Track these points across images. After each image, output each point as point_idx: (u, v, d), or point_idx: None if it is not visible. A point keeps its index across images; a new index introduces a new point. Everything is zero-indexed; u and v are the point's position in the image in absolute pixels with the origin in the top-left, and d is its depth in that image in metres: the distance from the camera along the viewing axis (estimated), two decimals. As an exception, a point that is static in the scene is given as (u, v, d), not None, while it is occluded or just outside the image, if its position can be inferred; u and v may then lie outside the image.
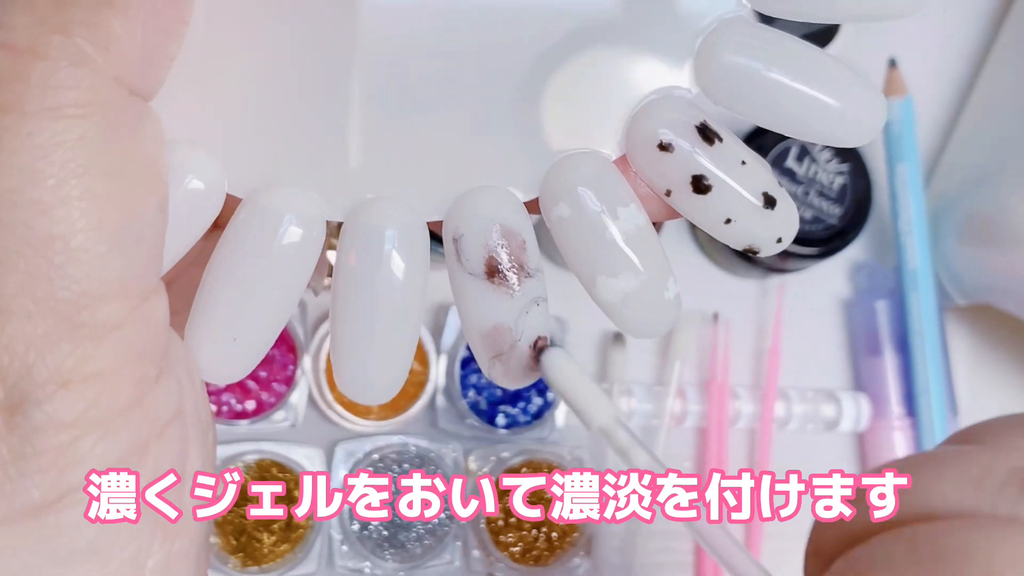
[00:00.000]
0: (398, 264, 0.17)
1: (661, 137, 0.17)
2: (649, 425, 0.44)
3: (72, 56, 0.14)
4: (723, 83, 0.17)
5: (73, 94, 0.14)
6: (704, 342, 0.45)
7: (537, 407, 0.42)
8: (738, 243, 0.18)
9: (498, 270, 0.17)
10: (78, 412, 0.15)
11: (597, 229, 0.17)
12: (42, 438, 0.14)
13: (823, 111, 0.17)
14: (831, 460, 0.47)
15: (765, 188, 0.17)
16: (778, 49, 0.17)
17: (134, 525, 0.15)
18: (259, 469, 0.39)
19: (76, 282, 0.14)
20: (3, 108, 0.14)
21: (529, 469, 0.41)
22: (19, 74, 0.14)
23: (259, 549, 0.38)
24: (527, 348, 0.18)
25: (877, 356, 0.46)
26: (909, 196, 0.45)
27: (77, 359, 0.15)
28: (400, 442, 0.40)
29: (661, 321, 0.18)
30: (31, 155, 0.14)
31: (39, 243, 0.14)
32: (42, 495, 0.15)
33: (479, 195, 0.18)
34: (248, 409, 0.39)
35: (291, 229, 0.17)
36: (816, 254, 0.44)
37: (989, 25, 0.50)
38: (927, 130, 0.49)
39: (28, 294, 0.14)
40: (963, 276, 0.45)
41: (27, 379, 0.14)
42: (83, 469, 0.15)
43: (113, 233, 0.15)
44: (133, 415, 0.15)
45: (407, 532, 0.40)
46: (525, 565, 0.41)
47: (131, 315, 0.15)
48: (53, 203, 0.14)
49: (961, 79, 0.50)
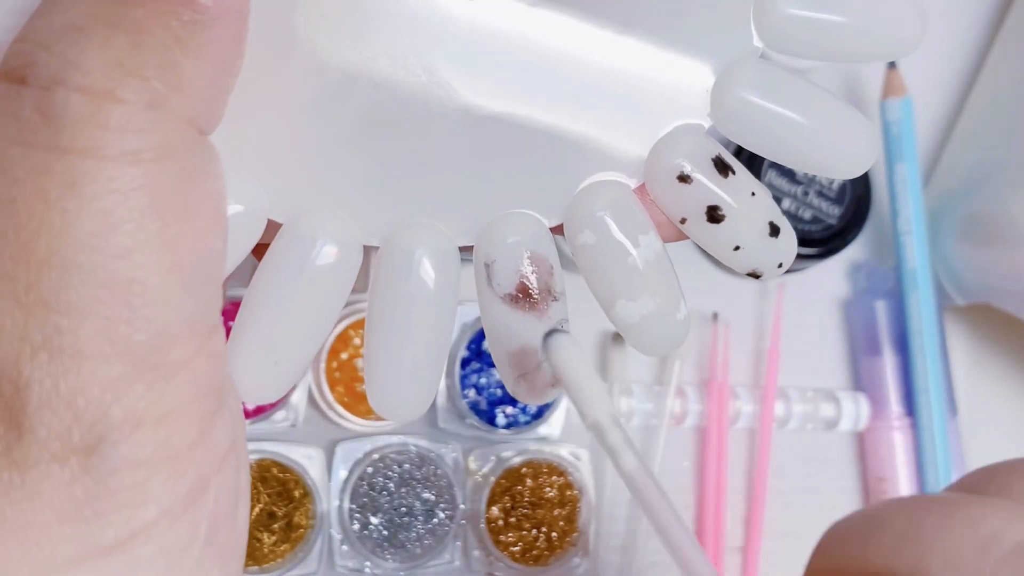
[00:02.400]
0: (431, 287, 0.18)
1: (681, 169, 0.18)
2: (649, 425, 0.44)
3: (149, 99, 0.14)
4: (736, 118, 0.18)
5: (150, 138, 0.14)
6: (704, 342, 0.45)
7: (538, 407, 0.42)
8: (743, 268, 0.19)
9: (529, 294, 0.18)
10: (151, 452, 0.15)
11: (620, 255, 0.18)
12: (117, 478, 0.15)
13: (826, 147, 0.18)
14: (830, 460, 0.47)
15: (771, 218, 0.19)
16: (788, 88, 0.18)
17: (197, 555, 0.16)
18: (259, 469, 0.39)
19: (152, 324, 0.15)
20: (83, 153, 0.14)
21: (529, 469, 0.41)
22: (98, 118, 0.14)
23: (259, 549, 0.38)
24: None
25: (876, 356, 0.46)
26: (908, 196, 0.45)
27: (151, 400, 0.15)
28: (400, 442, 0.40)
29: (673, 340, 0.19)
30: (111, 200, 0.14)
31: (118, 287, 0.14)
32: (116, 535, 0.15)
33: (509, 221, 0.18)
34: (248, 409, 0.39)
35: (328, 252, 0.18)
36: (815, 254, 0.44)
37: (989, 25, 0.50)
38: (927, 130, 0.49)
39: (105, 337, 0.14)
40: (962, 276, 0.45)
41: (103, 421, 0.14)
42: (155, 507, 0.15)
43: (186, 275, 0.15)
44: (198, 451, 0.16)
45: (407, 532, 0.40)
46: (525, 565, 0.41)
47: (198, 353, 0.15)
48: (132, 247, 0.14)
49: (961, 79, 0.50)
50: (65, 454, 0.14)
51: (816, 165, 0.19)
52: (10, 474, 0.14)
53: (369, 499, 0.40)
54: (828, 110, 0.18)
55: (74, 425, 0.14)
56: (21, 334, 0.14)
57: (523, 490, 0.41)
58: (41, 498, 0.14)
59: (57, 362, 0.14)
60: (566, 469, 0.42)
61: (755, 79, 0.18)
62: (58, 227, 0.14)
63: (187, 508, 0.15)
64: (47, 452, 0.14)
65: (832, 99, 0.18)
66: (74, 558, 0.15)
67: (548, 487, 0.41)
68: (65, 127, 0.14)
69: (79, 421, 0.14)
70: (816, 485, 0.46)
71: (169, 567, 0.15)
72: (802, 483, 0.46)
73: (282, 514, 0.39)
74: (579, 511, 0.42)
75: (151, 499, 0.15)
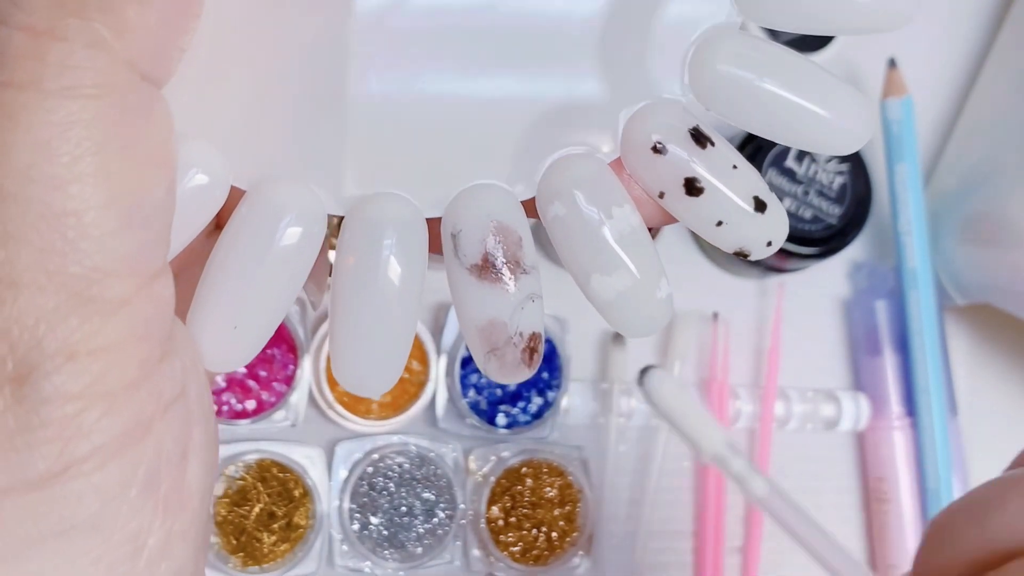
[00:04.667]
0: (396, 258, 0.18)
1: (655, 141, 0.18)
2: (649, 425, 0.44)
3: (88, 39, 0.14)
4: (716, 91, 0.18)
5: (89, 75, 0.15)
6: (704, 342, 0.45)
7: (537, 407, 0.42)
8: (729, 246, 0.18)
9: (493, 265, 0.18)
10: (84, 385, 0.15)
11: (591, 228, 0.18)
12: (49, 409, 0.15)
13: (813, 120, 0.18)
14: (830, 460, 0.47)
15: (756, 192, 0.18)
16: (769, 59, 0.18)
17: (132, 499, 0.15)
18: (259, 469, 0.39)
19: (88, 257, 0.15)
20: (21, 86, 0.14)
21: (529, 469, 0.41)
22: (38, 54, 0.14)
23: (259, 549, 0.38)
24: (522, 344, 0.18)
25: (877, 356, 0.46)
26: (909, 196, 0.45)
27: (86, 333, 0.15)
28: (400, 442, 0.40)
29: (653, 320, 0.18)
30: (48, 132, 0.14)
31: (53, 218, 0.14)
32: (47, 466, 0.15)
33: (478, 192, 0.18)
34: (248, 409, 0.39)
35: (292, 222, 0.18)
36: (816, 254, 0.44)
37: (989, 25, 0.50)
38: (927, 130, 0.49)
39: (40, 268, 0.14)
40: (962, 276, 0.45)
41: (36, 351, 0.14)
42: (88, 442, 0.15)
43: (124, 211, 0.15)
44: (138, 391, 0.16)
45: (407, 532, 0.40)
46: (525, 565, 0.41)
47: (139, 293, 0.15)
48: (68, 179, 0.14)
49: (961, 79, 0.50)
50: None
51: (807, 141, 0.18)
52: None
53: (369, 499, 0.40)
54: (817, 82, 0.18)
55: (8, 355, 0.14)
56: None
57: (523, 490, 0.41)
58: None
59: None
60: (566, 469, 0.42)
61: (735, 50, 0.18)
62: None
63: (122, 448, 0.15)
64: None
65: (820, 71, 0.18)
66: (4, 488, 0.15)
67: (548, 487, 0.41)
68: (5, 62, 0.14)
69: (13, 351, 0.14)
70: (816, 485, 0.46)
71: (102, 507, 0.15)
72: (802, 483, 0.46)
73: (282, 514, 0.39)
74: (579, 511, 0.42)
75: (83, 433, 0.15)
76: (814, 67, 0.18)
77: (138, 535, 0.16)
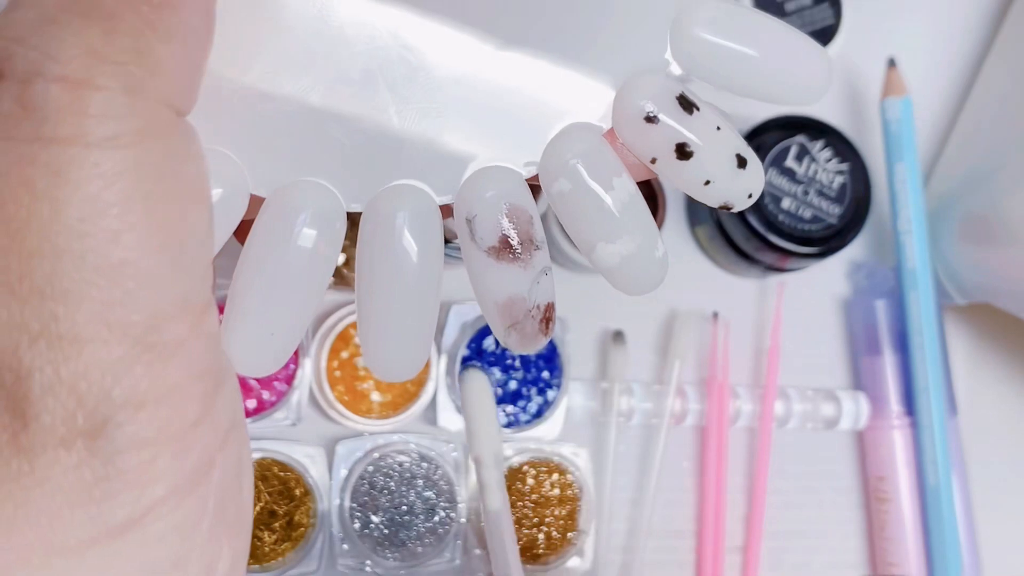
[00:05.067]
0: (412, 245, 0.18)
1: (646, 110, 0.18)
2: (649, 424, 0.44)
3: (125, 84, 0.14)
4: (695, 56, 0.19)
5: (130, 122, 0.15)
6: (704, 341, 0.46)
7: (537, 406, 0.42)
8: (715, 201, 0.19)
9: (511, 245, 0.18)
10: (155, 431, 0.15)
11: (596, 200, 0.18)
12: (124, 458, 0.15)
13: (778, 78, 0.19)
14: (830, 459, 0.47)
15: (738, 150, 0.19)
16: (743, 22, 0.19)
17: (207, 531, 0.16)
18: (260, 468, 0.39)
19: (147, 304, 0.15)
20: (66, 141, 0.14)
21: (530, 468, 0.41)
22: (79, 107, 0.14)
23: (260, 547, 0.38)
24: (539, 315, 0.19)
25: (876, 355, 0.46)
26: (908, 195, 0.45)
27: (152, 380, 0.15)
28: (401, 440, 0.41)
29: (654, 278, 0.19)
30: (96, 185, 0.14)
31: (110, 270, 0.15)
32: (127, 514, 0.15)
33: (486, 175, 0.19)
34: (249, 408, 0.39)
35: (310, 221, 0.18)
36: (815, 253, 0.44)
37: (988, 25, 0.50)
38: (926, 130, 0.49)
39: (102, 320, 0.15)
40: (962, 275, 0.45)
41: (106, 403, 0.15)
42: (163, 485, 0.15)
43: (175, 254, 0.15)
44: (200, 429, 0.16)
45: (408, 531, 0.40)
46: (525, 564, 0.41)
47: (193, 332, 0.16)
48: (121, 230, 0.15)
49: (960, 79, 0.50)
50: (71, 438, 0.15)
51: (769, 95, 0.19)
52: (19, 462, 0.15)
53: (370, 498, 0.40)
54: (781, 41, 0.19)
55: (78, 409, 0.15)
56: (18, 323, 0.14)
57: (523, 489, 0.41)
58: (51, 483, 0.15)
59: (56, 349, 0.14)
60: (566, 468, 0.42)
61: (711, 15, 0.19)
62: (47, 216, 0.14)
63: (194, 485, 0.16)
64: (53, 438, 0.15)
65: (786, 29, 0.19)
66: (88, 540, 0.15)
67: (548, 486, 0.41)
68: (47, 117, 0.14)
69: (82, 405, 0.15)
70: (816, 485, 0.46)
71: (181, 543, 0.16)
72: (802, 483, 0.46)
73: (283, 513, 0.39)
74: (579, 511, 0.42)
75: (158, 477, 0.15)
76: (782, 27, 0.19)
77: (212, 564, 0.16)
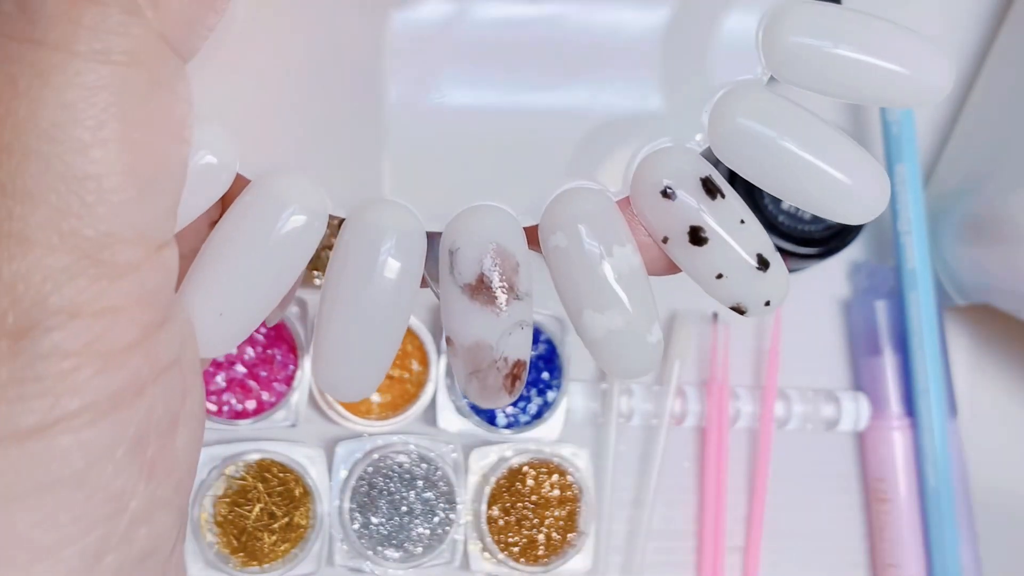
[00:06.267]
0: (392, 267, 0.18)
1: (664, 185, 0.17)
2: (649, 425, 0.44)
3: (124, 5, 0.15)
4: (733, 143, 0.18)
5: (121, 41, 0.15)
6: (704, 342, 0.45)
7: (537, 407, 0.42)
8: (727, 300, 0.18)
9: (488, 287, 0.17)
10: (84, 343, 0.15)
11: (590, 263, 0.18)
12: (44, 364, 0.15)
13: (829, 185, 0.17)
14: (830, 460, 0.47)
15: (760, 250, 0.18)
16: (790, 118, 0.17)
17: (118, 460, 0.15)
18: (259, 469, 0.39)
19: (103, 222, 0.15)
20: (54, 45, 0.14)
21: (529, 469, 0.41)
22: (73, 15, 0.14)
23: (259, 548, 0.38)
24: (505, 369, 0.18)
25: (876, 356, 0.46)
26: (908, 196, 0.45)
27: (92, 294, 0.15)
28: (401, 441, 0.40)
29: (641, 363, 0.18)
30: (75, 94, 0.14)
31: (73, 180, 0.15)
32: (36, 420, 0.15)
33: (481, 212, 0.18)
34: (248, 409, 0.39)
35: (293, 218, 0.17)
36: (816, 254, 0.44)
37: (989, 25, 0.50)
38: (926, 130, 0.49)
39: (54, 227, 0.15)
40: (962, 276, 0.45)
41: (39, 307, 0.15)
42: (79, 398, 0.15)
43: (142, 180, 0.15)
44: (134, 354, 0.16)
45: (407, 531, 0.40)
46: (525, 565, 0.41)
47: (147, 260, 0.16)
48: (91, 143, 0.15)
49: (961, 79, 0.50)
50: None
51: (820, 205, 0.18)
52: None
53: (369, 499, 0.40)
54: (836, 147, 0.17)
55: (10, 309, 0.14)
56: None
57: (523, 490, 0.41)
58: None
59: (3, 246, 0.14)
60: (566, 469, 0.42)
61: (757, 105, 0.17)
62: (23, 115, 0.14)
63: (113, 408, 0.15)
64: None
65: (841, 135, 0.18)
66: None
67: (548, 487, 0.41)
68: (40, 20, 0.14)
69: (15, 305, 0.14)
70: (816, 485, 0.46)
71: (87, 465, 0.15)
72: (802, 483, 0.46)
73: (282, 514, 0.39)
74: (579, 511, 0.42)
75: (76, 390, 0.15)
76: (834, 131, 0.18)
77: (121, 496, 0.16)
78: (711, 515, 0.44)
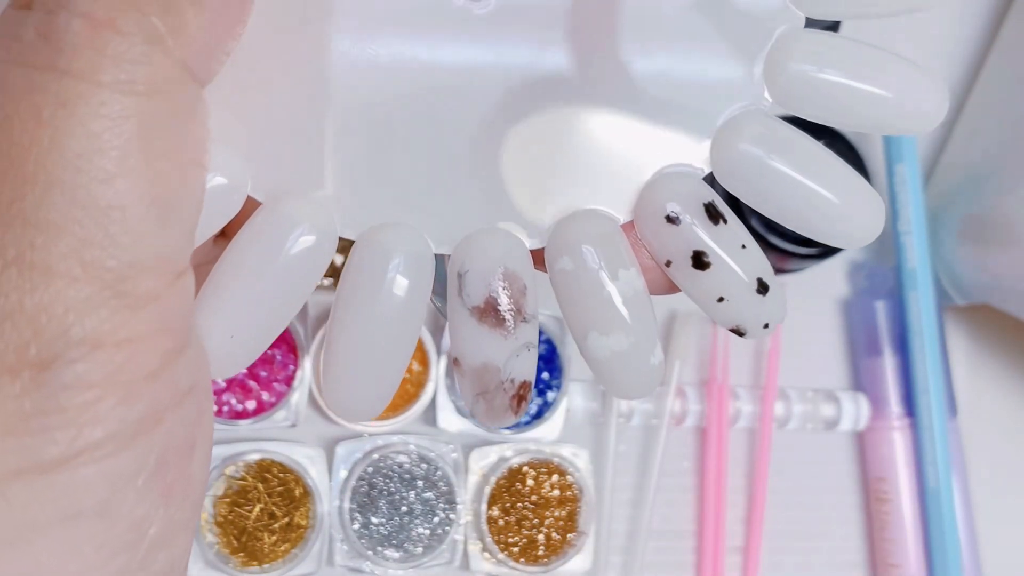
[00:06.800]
0: (401, 285, 0.18)
1: (669, 210, 0.18)
2: (649, 425, 0.44)
3: (147, 35, 0.15)
4: (735, 169, 0.18)
5: (145, 71, 0.15)
6: (704, 342, 0.45)
7: (537, 407, 0.42)
8: (727, 322, 0.19)
9: (496, 310, 0.18)
10: (106, 373, 0.15)
11: (596, 286, 0.18)
12: (67, 395, 0.15)
13: (828, 211, 0.18)
14: (830, 460, 0.47)
15: (760, 274, 0.18)
16: (792, 145, 0.18)
17: (140, 488, 0.16)
18: (260, 469, 0.39)
19: (126, 252, 0.15)
20: (79, 75, 0.14)
21: (529, 469, 0.41)
22: (97, 45, 0.14)
23: (259, 549, 0.38)
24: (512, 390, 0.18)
25: (876, 356, 0.46)
26: (908, 196, 0.45)
27: (114, 324, 0.15)
28: (401, 441, 0.41)
29: (643, 384, 0.19)
30: (100, 125, 0.14)
31: (97, 210, 0.15)
32: (59, 451, 0.15)
33: (489, 236, 0.18)
34: (249, 409, 0.39)
35: (302, 239, 0.18)
36: (816, 254, 0.44)
37: (989, 25, 0.50)
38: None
39: (77, 258, 0.15)
40: (962, 276, 0.45)
41: (62, 339, 0.15)
42: (102, 429, 0.15)
43: (164, 208, 0.15)
44: (155, 382, 0.16)
45: (407, 532, 0.40)
46: (525, 565, 0.41)
47: (166, 289, 0.16)
48: (116, 173, 0.15)
49: (961, 79, 0.50)
50: (19, 367, 0.14)
51: (819, 230, 0.18)
52: None
53: (369, 499, 0.40)
54: (835, 175, 0.18)
55: (33, 340, 0.15)
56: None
57: (523, 490, 0.41)
58: None
59: (26, 277, 0.14)
60: (566, 469, 0.42)
61: (760, 132, 0.18)
62: (47, 145, 0.14)
63: (136, 437, 0.15)
64: (1, 364, 0.14)
65: (840, 163, 0.18)
66: (16, 470, 0.15)
67: (548, 487, 0.41)
68: (64, 49, 0.14)
69: (38, 337, 0.15)
70: (816, 485, 0.46)
71: (111, 493, 0.15)
72: (802, 483, 0.46)
73: (282, 514, 0.39)
74: (579, 511, 0.42)
75: (99, 420, 0.15)
76: (834, 158, 0.18)
77: (142, 523, 0.16)
78: (711, 515, 0.44)
